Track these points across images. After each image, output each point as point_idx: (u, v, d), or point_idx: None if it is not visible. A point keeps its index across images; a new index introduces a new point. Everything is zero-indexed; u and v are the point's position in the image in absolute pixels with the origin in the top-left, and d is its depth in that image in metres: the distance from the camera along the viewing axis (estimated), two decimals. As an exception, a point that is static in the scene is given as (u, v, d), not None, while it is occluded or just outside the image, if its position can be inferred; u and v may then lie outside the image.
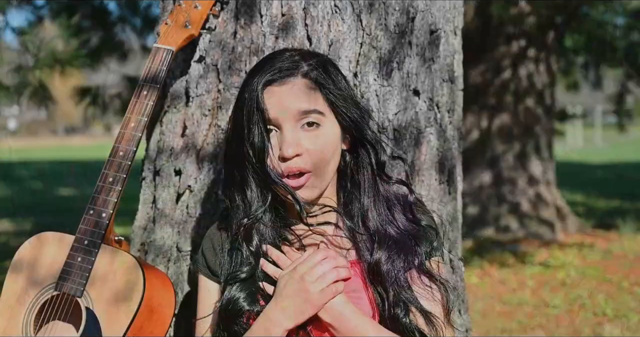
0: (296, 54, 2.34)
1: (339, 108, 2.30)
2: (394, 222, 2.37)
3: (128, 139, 2.62)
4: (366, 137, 2.35)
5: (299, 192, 2.28)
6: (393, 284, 2.28)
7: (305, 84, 2.28)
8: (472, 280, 7.27)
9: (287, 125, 2.25)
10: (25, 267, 2.63)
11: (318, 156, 2.27)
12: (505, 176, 9.64)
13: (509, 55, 9.65)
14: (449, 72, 3.01)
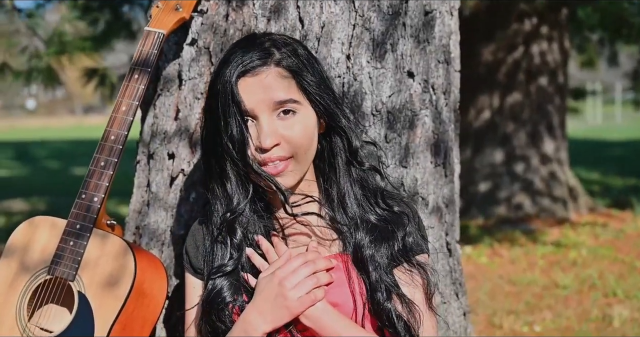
0: (267, 41, 2.32)
1: (312, 95, 2.29)
2: (372, 208, 2.36)
3: (119, 123, 2.61)
4: (339, 123, 2.33)
5: (279, 179, 2.27)
6: (376, 268, 2.28)
7: (279, 72, 2.26)
8: (481, 260, 7.26)
9: (264, 115, 2.24)
10: (18, 252, 2.64)
11: (296, 143, 2.26)
12: (518, 155, 9.60)
13: (521, 33, 9.58)
14: (445, 53, 2.98)
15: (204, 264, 2.41)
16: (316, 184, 2.41)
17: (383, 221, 2.35)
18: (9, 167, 20.03)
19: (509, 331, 5.10)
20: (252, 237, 2.36)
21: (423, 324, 2.31)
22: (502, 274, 6.82)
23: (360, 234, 2.32)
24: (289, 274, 2.23)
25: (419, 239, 2.39)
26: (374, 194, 2.39)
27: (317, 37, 2.75)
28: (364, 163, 2.40)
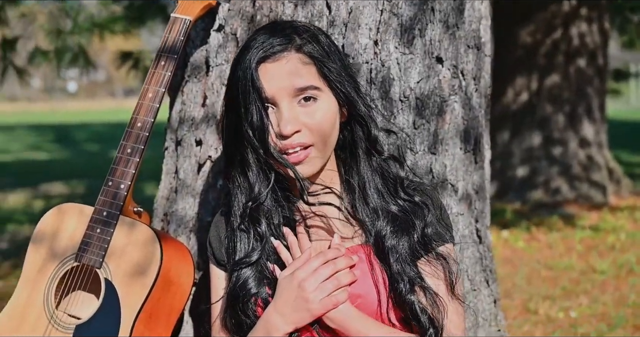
0: (288, 27, 2.29)
1: (332, 82, 2.25)
2: (392, 198, 2.33)
3: (146, 110, 2.60)
4: (358, 111, 2.30)
5: (299, 167, 2.25)
6: (397, 259, 2.25)
7: (299, 58, 2.23)
8: (518, 244, 7.21)
9: (284, 102, 2.21)
10: (47, 238, 2.65)
11: (317, 131, 2.23)
12: (556, 138, 9.52)
13: (560, 15, 9.49)
14: (475, 38, 2.95)
15: (226, 256, 2.40)
16: (338, 175, 2.38)
17: (404, 211, 2.32)
18: (49, 150, 20.18)
19: (544, 316, 5.06)
20: (274, 226, 2.34)
21: (447, 315, 2.28)
22: (540, 258, 6.77)
23: (381, 224, 2.29)
24: (309, 276, 2.21)
25: (442, 229, 2.36)
26: (394, 184, 2.36)
27: (344, 23, 2.73)
28: (383, 152, 2.37)
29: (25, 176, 14.21)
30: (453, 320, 2.30)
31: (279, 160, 2.22)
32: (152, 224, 3.05)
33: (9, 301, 2.65)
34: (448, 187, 2.86)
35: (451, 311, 2.30)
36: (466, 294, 2.97)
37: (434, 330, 2.24)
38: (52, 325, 2.56)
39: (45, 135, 24.64)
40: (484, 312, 3.06)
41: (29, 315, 2.60)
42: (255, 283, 2.31)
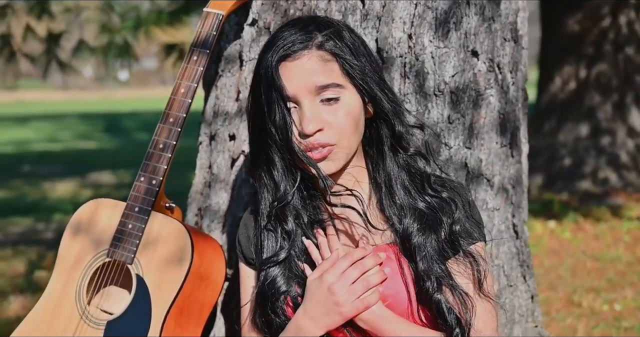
0: (311, 24, 2.25)
1: (355, 79, 2.22)
2: (420, 195, 2.30)
3: (178, 106, 2.60)
4: (382, 108, 2.26)
5: (323, 164, 2.22)
6: (424, 257, 2.22)
7: (321, 56, 2.20)
8: (565, 235, 7.13)
9: (306, 100, 2.18)
10: (81, 232, 2.66)
11: (340, 129, 2.20)
12: (604, 128, 9.42)
13: (608, 3, 9.37)
14: (512, 30, 2.91)
15: (254, 255, 2.38)
16: (366, 171, 2.36)
17: (431, 208, 2.28)
18: (98, 139, 20.33)
19: (587, 309, 5.00)
20: (303, 225, 2.32)
21: (477, 314, 2.25)
22: (586, 249, 6.69)
23: (408, 222, 2.26)
24: (338, 279, 2.18)
25: (471, 226, 2.32)
26: (421, 180, 2.32)
27: (377, 16, 2.70)
28: (409, 148, 2.32)
29: (73, 165, 14.34)
30: (483, 319, 2.27)
31: (302, 158, 2.20)
32: (186, 219, 3.05)
33: (43, 293, 2.67)
34: (483, 182, 2.83)
35: (480, 309, 2.26)
36: (502, 290, 2.93)
37: (461, 330, 2.21)
38: (83, 321, 2.57)
39: (95, 124, 24.82)
40: (520, 308, 3.02)
41: (62, 309, 2.61)
42: (284, 281, 2.29)
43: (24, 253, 6.78)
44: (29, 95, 45.34)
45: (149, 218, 2.55)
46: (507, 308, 2.95)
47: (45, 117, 28.04)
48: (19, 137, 21.15)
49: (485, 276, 2.28)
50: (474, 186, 2.81)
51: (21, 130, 23.44)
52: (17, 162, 15.15)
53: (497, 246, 2.89)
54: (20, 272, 6.14)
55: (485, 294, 2.27)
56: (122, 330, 2.52)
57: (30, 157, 16.20)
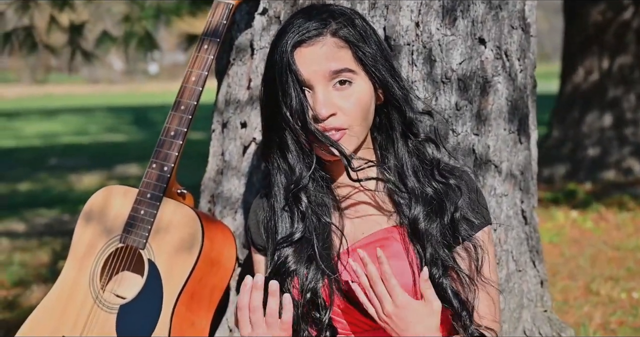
0: (324, 11, 2.30)
1: (367, 66, 2.26)
2: (429, 180, 2.34)
3: (189, 94, 2.65)
4: (393, 95, 2.30)
5: (341, 142, 2.26)
6: (430, 242, 2.26)
7: (335, 42, 2.24)
8: (587, 225, 7.13)
9: (319, 85, 2.23)
10: (94, 219, 2.72)
11: (352, 114, 2.24)
12: (628, 118, 9.41)
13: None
14: (520, 19, 2.93)
15: (267, 240, 2.42)
16: (374, 157, 2.40)
17: (438, 193, 2.33)
18: (126, 132, 20.42)
19: (605, 297, 5.01)
20: (316, 206, 2.36)
21: (480, 299, 2.30)
22: (607, 239, 6.69)
23: (418, 207, 2.31)
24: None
25: (478, 211, 2.37)
26: (430, 166, 2.36)
27: (385, 5, 2.74)
28: (419, 134, 2.36)
29: (101, 158, 14.43)
30: (485, 304, 2.32)
31: (321, 138, 2.24)
32: (199, 206, 3.10)
33: (57, 280, 2.73)
34: (491, 168, 2.86)
35: (483, 295, 2.31)
36: (511, 274, 2.97)
37: (467, 313, 2.26)
38: (97, 305, 2.62)
39: (123, 118, 24.92)
40: (529, 293, 3.05)
41: (76, 295, 2.67)
42: (294, 261, 2.33)
43: (48, 244, 6.86)
44: (58, 89, 45.61)
45: (161, 204, 2.60)
46: (516, 293, 2.98)
47: (73, 111, 28.17)
48: (47, 130, 21.27)
49: (483, 263, 2.32)
50: (482, 172, 2.84)
51: (49, 123, 23.56)
52: (44, 155, 15.25)
53: (505, 231, 2.92)
54: (44, 262, 6.21)
55: (485, 280, 2.31)
56: (134, 314, 2.58)
57: (58, 150, 16.30)
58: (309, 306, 2.30)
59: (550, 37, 42.17)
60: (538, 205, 7.62)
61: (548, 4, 28.95)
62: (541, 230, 6.70)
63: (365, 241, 2.32)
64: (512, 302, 2.97)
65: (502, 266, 2.92)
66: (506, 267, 2.94)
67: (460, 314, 2.26)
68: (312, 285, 2.28)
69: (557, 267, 5.75)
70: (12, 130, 21.48)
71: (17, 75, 53.30)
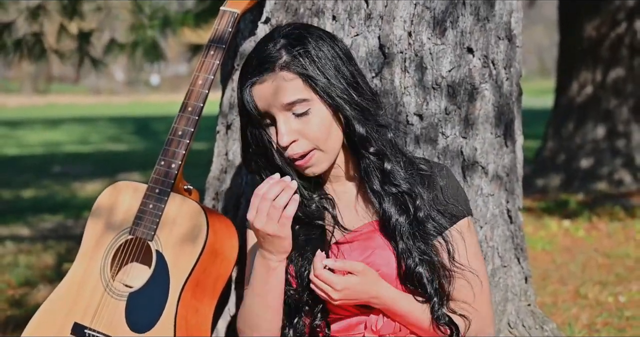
0: (279, 41, 2.45)
1: (318, 92, 2.42)
2: (389, 185, 2.50)
3: (196, 96, 2.82)
4: (345, 116, 2.45)
5: (309, 170, 2.46)
6: (401, 236, 2.46)
7: (284, 76, 2.40)
8: (579, 234, 7.28)
9: (279, 116, 2.41)
10: (103, 214, 2.88)
11: (313, 138, 2.42)
12: (620, 130, 9.59)
13: (625, 9, 9.55)
14: (506, 30, 3.12)
15: None
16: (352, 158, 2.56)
17: (401, 193, 2.50)
18: (128, 142, 20.57)
19: (593, 300, 5.15)
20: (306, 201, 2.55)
21: (455, 286, 2.50)
22: (598, 247, 6.83)
23: (385, 206, 2.48)
24: (254, 217, 2.36)
25: (455, 204, 2.55)
26: (381, 175, 2.51)
27: (380, 16, 2.93)
28: (369, 148, 2.48)
29: (103, 166, 14.56)
30: (462, 291, 2.53)
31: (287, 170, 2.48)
32: (204, 203, 3.27)
33: (68, 271, 2.90)
34: (478, 169, 3.04)
35: (462, 283, 2.51)
36: (496, 269, 3.14)
37: (439, 299, 2.45)
38: (107, 293, 2.79)
39: (125, 127, 25.05)
40: (513, 287, 3.23)
41: (87, 284, 2.83)
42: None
43: (53, 247, 6.97)
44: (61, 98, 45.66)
45: (168, 199, 2.77)
46: (501, 287, 3.16)
47: (76, 120, 28.29)
48: (50, 139, 21.41)
49: (460, 252, 2.51)
50: (469, 173, 3.03)
51: (52, 132, 23.68)
52: (47, 163, 15.39)
53: (491, 229, 3.11)
54: (49, 264, 6.32)
55: (460, 266, 2.50)
56: (142, 301, 2.74)
57: (61, 158, 16.43)
58: (305, 294, 2.48)
59: (551, 52, 42.26)
60: (531, 214, 7.81)
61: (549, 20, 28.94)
62: (534, 238, 6.89)
63: (354, 234, 2.51)
64: (497, 295, 3.14)
65: (488, 262, 3.11)
66: (492, 262, 3.12)
67: (432, 300, 2.45)
68: (306, 272, 2.47)
69: (549, 273, 5.90)
70: (15, 138, 21.62)
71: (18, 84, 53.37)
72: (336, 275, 2.36)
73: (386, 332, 2.45)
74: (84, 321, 2.79)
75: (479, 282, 2.54)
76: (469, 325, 2.51)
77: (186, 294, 2.71)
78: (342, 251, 2.48)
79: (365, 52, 2.94)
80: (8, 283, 5.74)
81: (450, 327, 2.46)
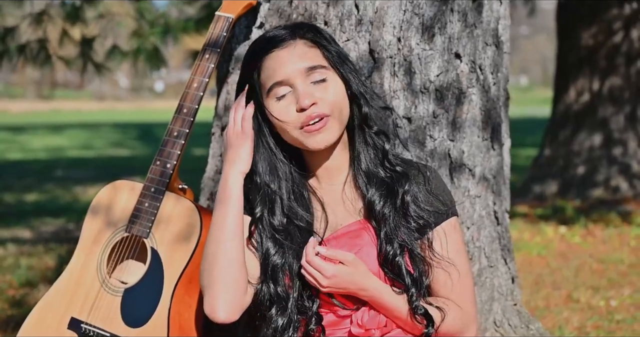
0: (291, 25, 2.64)
1: (333, 62, 2.57)
2: (382, 167, 2.62)
3: (191, 98, 2.91)
4: (352, 89, 2.59)
5: (320, 136, 2.53)
6: (385, 222, 2.55)
7: (305, 43, 2.56)
8: (574, 239, 7.35)
9: (298, 81, 2.52)
10: (101, 211, 2.97)
11: (332, 103, 2.52)
12: (616, 138, 9.67)
13: (621, 18, 9.63)
14: (493, 36, 3.21)
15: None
16: (348, 152, 2.67)
17: (390, 178, 2.60)
18: (131, 147, 20.66)
19: (584, 304, 5.21)
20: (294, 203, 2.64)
21: (433, 277, 2.60)
22: (593, 252, 6.88)
23: (372, 189, 2.59)
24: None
25: (441, 202, 2.64)
26: (383, 155, 2.63)
27: (370, 21, 3.02)
28: (372, 126, 2.62)
29: (105, 171, 14.64)
30: (441, 284, 2.63)
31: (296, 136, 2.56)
32: (199, 202, 3.36)
33: (66, 268, 2.99)
34: (466, 171, 3.13)
35: (442, 275, 2.60)
36: (483, 269, 3.23)
37: (416, 290, 2.54)
38: (103, 289, 2.88)
39: (128, 133, 25.14)
40: (500, 287, 3.31)
41: (84, 280, 2.92)
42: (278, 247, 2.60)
43: (54, 250, 7.06)
44: (65, 104, 45.72)
45: (164, 198, 2.86)
46: (488, 286, 3.24)
47: (79, 126, 28.39)
48: (54, 144, 21.50)
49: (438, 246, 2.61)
50: (456, 174, 3.12)
51: (55, 137, 23.78)
52: (50, 168, 15.48)
53: (478, 229, 3.19)
54: (50, 266, 6.40)
55: (438, 260, 2.59)
56: (137, 296, 2.83)
57: (64, 163, 16.52)
58: (300, 294, 2.57)
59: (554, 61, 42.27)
60: (528, 220, 7.86)
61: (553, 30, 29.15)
62: (530, 244, 6.96)
63: (344, 230, 2.60)
64: (483, 295, 3.23)
65: (475, 262, 3.19)
66: (478, 262, 3.20)
67: (409, 290, 2.54)
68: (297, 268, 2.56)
69: (542, 277, 5.97)
70: (19, 143, 21.71)
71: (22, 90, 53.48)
72: (327, 262, 2.45)
73: (371, 326, 2.53)
74: (81, 315, 2.88)
75: (458, 276, 2.63)
76: (444, 317, 2.58)
77: (179, 290, 2.80)
78: (330, 247, 2.56)
79: (355, 56, 3.03)
80: (9, 283, 5.82)
81: (425, 318, 2.55)
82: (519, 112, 36.30)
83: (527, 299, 5.26)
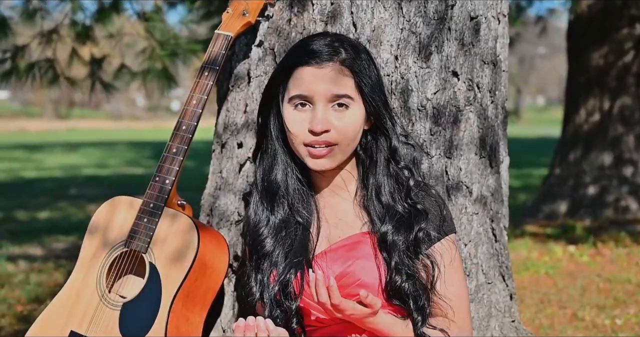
0: (336, 40, 2.66)
1: (366, 96, 2.62)
2: (401, 200, 2.66)
3: (190, 115, 2.94)
4: (384, 124, 2.65)
5: (321, 161, 2.60)
6: (396, 253, 2.60)
7: (341, 70, 2.59)
8: (583, 259, 7.35)
9: (320, 103, 2.57)
10: (100, 228, 3.00)
11: (343, 134, 2.58)
12: (626, 158, 9.68)
13: (632, 38, 9.66)
14: (491, 55, 3.24)
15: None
16: (355, 173, 2.74)
17: (408, 213, 2.66)
18: (145, 166, 20.71)
19: (589, 323, 5.23)
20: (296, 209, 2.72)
21: (434, 304, 2.66)
22: (601, 272, 6.89)
23: (388, 221, 2.64)
24: None
25: (443, 225, 2.71)
26: (406, 190, 2.69)
27: (368, 40, 3.05)
28: (400, 162, 2.71)
29: (119, 189, 14.64)
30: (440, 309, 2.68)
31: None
32: (199, 218, 3.39)
33: (66, 282, 3.02)
34: (463, 188, 3.16)
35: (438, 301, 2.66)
36: (480, 286, 3.24)
37: (421, 317, 2.61)
38: (102, 303, 2.91)
39: (144, 152, 25.25)
40: (497, 304, 3.32)
41: (83, 294, 2.95)
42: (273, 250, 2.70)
43: (64, 266, 7.12)
44: (82, 123, 45.93)
45: (162, 213, 2.90)
46: (485, 303, 3.26)
47: (95, 144, 28.51)
48: (69, 162, 21.59)
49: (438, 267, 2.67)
50: (453, 192, 3.14)
51: (71, 156, 23.89)
52: (64, 186, 15.56)
53: (475, 246, 3.21)
54: (59, 282, 6.44)
55: (438, 291, 2.66)
56: (135, 310, 2.85)
57: (78, 181, 16.59)
58: (281, 294, 2.63)
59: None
60: (537, 239, 7.86)
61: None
62: (538, 263, 6.98)
63: (341, 243, 2.64)
64: (481, 311, 3.25)
65: (472, 278, 3.21)
66: (475, 279, 3.22)
67: (415, 318, 2.61)
68: (286, 276, 2.60)
69: (549, 296, 5.98)
70: (34, 162, 21.81)
71: (40, 109, 53.75)
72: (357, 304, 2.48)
73: None
74: (80, 329, 2.91)
75: (457, 296, 2.69)
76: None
77: (177, 304, 2.83)
78: (326, 259, 2.61)
79: (353, 74, 3.05)
80: (18, 299, 5.87)
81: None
82: (535, 132, 36.27)
83: (532, 317, 5.28)
